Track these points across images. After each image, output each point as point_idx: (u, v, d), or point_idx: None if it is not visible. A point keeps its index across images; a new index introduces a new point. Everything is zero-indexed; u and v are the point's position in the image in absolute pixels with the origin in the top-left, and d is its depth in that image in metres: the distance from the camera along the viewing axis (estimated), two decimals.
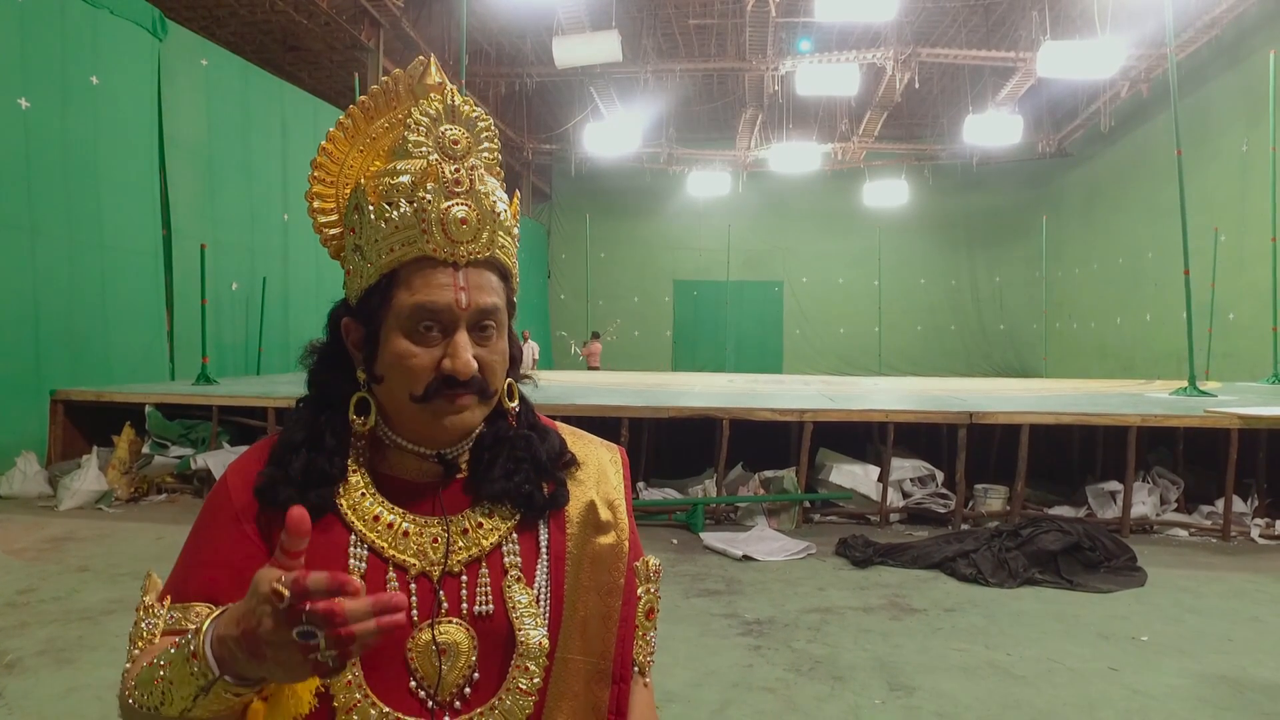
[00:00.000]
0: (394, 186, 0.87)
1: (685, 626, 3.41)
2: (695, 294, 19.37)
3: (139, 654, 0.84)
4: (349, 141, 0.96)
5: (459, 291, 0.86)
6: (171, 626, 0.86)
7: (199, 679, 0.69)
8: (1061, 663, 3.09)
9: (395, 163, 0.89)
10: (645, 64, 13.70)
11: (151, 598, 0.88)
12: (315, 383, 0.95)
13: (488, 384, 0.89)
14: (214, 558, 0.89)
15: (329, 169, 0.96)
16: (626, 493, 1.03)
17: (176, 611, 0.86)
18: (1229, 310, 10.43)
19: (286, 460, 0.89)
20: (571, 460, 1.00)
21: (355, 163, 0.96)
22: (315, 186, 0.97)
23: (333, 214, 0.97)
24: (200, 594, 0.87)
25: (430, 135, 0.89)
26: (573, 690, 0.93)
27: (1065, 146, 16.72)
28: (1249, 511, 5.33)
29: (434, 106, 0.90)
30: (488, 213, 0.89)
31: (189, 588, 0.88)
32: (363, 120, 0.95)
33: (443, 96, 0.91)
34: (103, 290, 7.15)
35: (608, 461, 1.04)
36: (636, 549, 1.04)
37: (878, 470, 5.58)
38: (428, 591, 0.89)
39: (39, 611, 3.49)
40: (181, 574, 0.90)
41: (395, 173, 0.88)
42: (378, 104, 0.95)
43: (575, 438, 1.05)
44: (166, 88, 7.94)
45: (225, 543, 0.89)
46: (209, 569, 0.88)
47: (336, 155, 0.96)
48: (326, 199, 0.97)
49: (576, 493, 0.99)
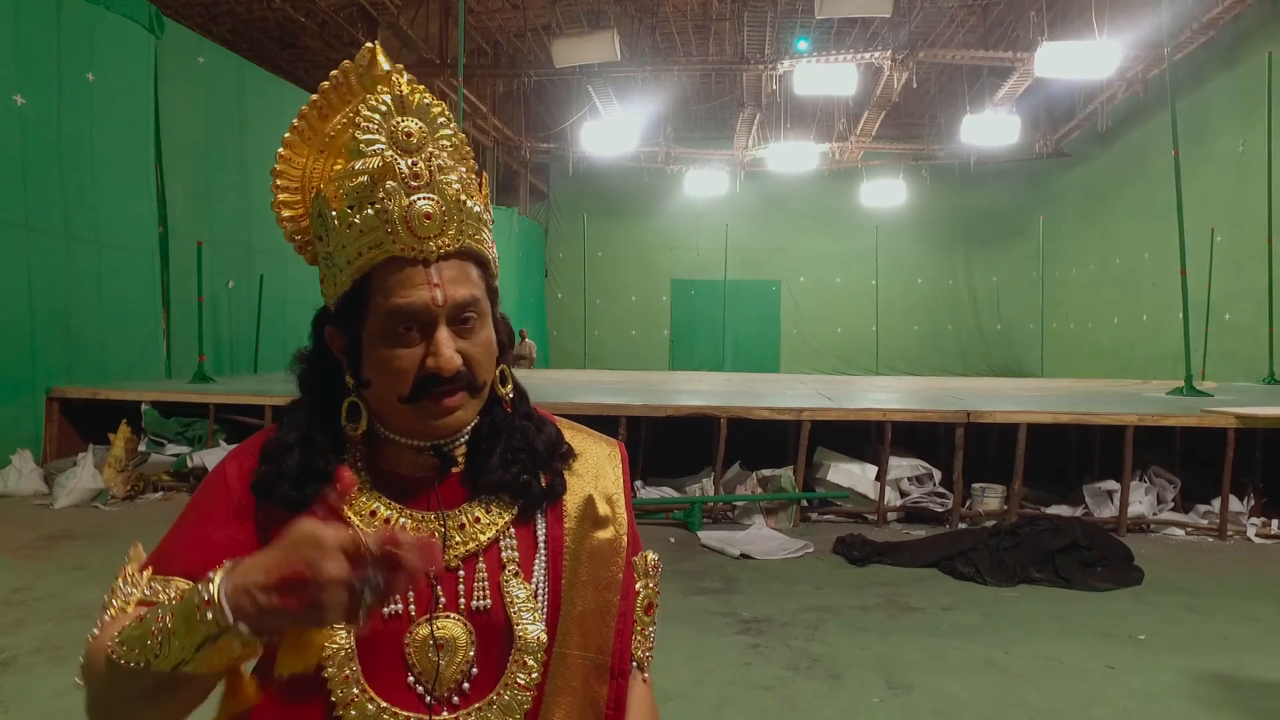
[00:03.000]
0: (353, 189, 0.85)
1: (683, 625, 3.41)
2: (693, 293, 19.34)
3: (110, 620, 0.82)
4: (306, 144, 0.94)
5: (433, 289, 0.84)
6: (148, 599, 0.84)
7: (209, 628, 0.67)
8: (1059, 661, 3.09)
9: (352, 163, 0.86)
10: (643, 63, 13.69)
11: (133, 567, 0.87)
12: (305, 389, 0.94)
13: (475, 377, 0.88)
14: (204, 542, 0.88)
15: (290, 175, 0.94)
16: (626, 488, 1.02)
17: (157, 584, 0.85)
18: (1225, 310, 10.44)
19: (280, 459, 0.89)
20: (569, 452, 0.99)
21: (317, 166, 0.94)
22: (280, 195, 0.94)
23: (303, 220, 0.95)
24: (182, 571, 0.85)
25: (382, 130, 0.86)
26: (571, 685, 0.93)
27: (1062, 147, 16.73)
28: (1245, 511, 5.34)
29: (382, 100, 0.86)
30: (452, 203, 0.86)
31: (173, 564, 0.86)
32: (318, 120, 0.93)
33: (390, 87, 0.88)
34: (99, 287, 7.13)
35: (605, 457, 1.03)
36: (636, 544, 1.03)
37: (875, 469, 5.58)
38: (425, 587, 0.89)
39: (34, 610, 3.48)
40: (168, 549, 0.89)
41: (353, 174, 0.85)
42: (330, 101, 0.92)
43: (573, 431, 1.04)
44: (163, 85, 7.91)
45: (219, 532, 0.88)
46: (196, 552, 0.86)
47: (296, 160, 0.94)
48: (294, 206, 0.95)
49: (574, 486, 0.98)
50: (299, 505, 0.87)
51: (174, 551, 0.88)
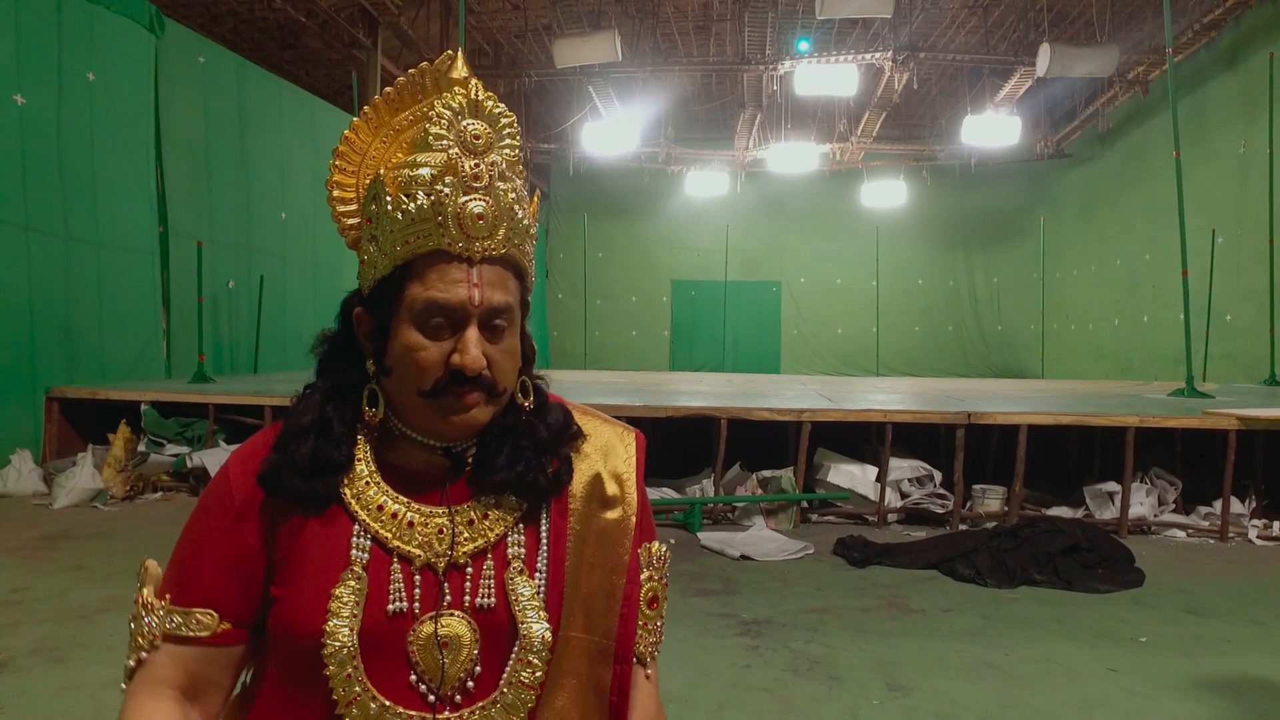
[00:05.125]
0: (413, 178, 0.86)
1: (683, 626, 3.40)
2: (693, 294, 19.33)
3: (141, 661, 0.86)
4: (372, 132, 0.96)
5: (472, 288, 0.85)
6: (173, 632, 0.87)
7: None
8: (1059, 663, 3.08)
9: (416, 155, 0.89)
10: (644, 63, 13.69)
11: (150, 590, 0.88)
12: (326, 370, 0.95)
13: (496, 382, 0.88)
14: (214, 561, 0.89)
15: (350, 158, 0.96)
16: (639, 471, 1.01)
17: (178, 616, 0.87)
18: (1226, 312, 10.43)
19: (293, 446, 0.88)
20: (577, 432, 0.98)
21: (377, 153, 0.96)
22: (335, 175, 0.96)
23: (352, 203, 0.96)
24: (202, 600, 0.88)
25: (452, 129, 0.88)
26: (575, 669, 0.92)
27: (1063, 148, 16.72)
28: (1247, 513, 5.33)
29: (457, 100, 0.89)
30: (505, 209, 0.88)
31: (190, 592, 0.88)
32: (386, 111, 0.95)
33: (467, 91, 0.90)
34: (99, 287, 7.12)
35: (616, 437, 1.02)
36: (649, 530, 1.01)
37: (876, 470, 5.57)
38: (431, 584, 0.88)
39: (32, 610, 3.47)
40: (182, 573, 0.90)
41: (415, 164, 0.87)
42: (402, 96, 0.95)
43: (587, 416, 1.03)
44: (163, 85, 7.91)
45: (226, 545, 0.89)
46: (210, 574, 0.88)
47: (359, 145, 0.96)
48: (346, 188, 0.97)
49: (581, 466, 0.97)
50: (308, 499, 0.88)
51: (188, 577, 0.89)
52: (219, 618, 0.88)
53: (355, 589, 0.85)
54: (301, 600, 0.86)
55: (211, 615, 0.87)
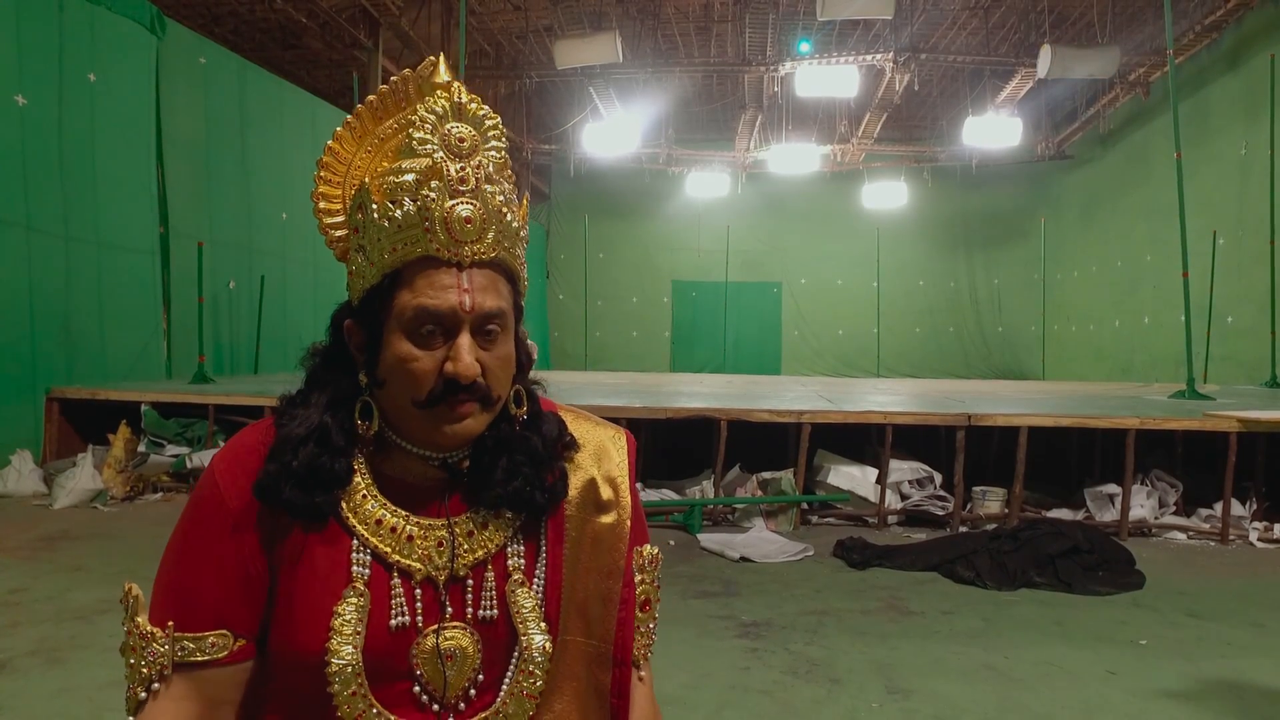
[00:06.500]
0: (398, 185, 0.85)
1: (682, 628, 3.39)
2: (694, 295, 19.33)
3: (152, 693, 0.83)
4: (356, 141, 0.94)
5: (462, 294, 0.83)
6: (185, 659, 0.83)
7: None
8: (1059, 666, 3.07)
9: (401, 161, 0.87)
10: (645, 65, 13.69)
11: (144, 619, 0.84)
12: (314, 383, 0.92)
13: (490, 389, 0.86)
14: (218, 577, 0.85)
15: (335, 169, 0.94)
16: (631, 473, 1.01)
17: (189, 643, 0.83)
18: (1227, 313, 10.43)
19: (290, 456, 0.86)
20: (571, 442, 0.97)
21: (362, 163, 0.94)
22: (321, 187, 0.95)
23: (339, 215, 0.95)
24: (213, 621, 0.84)
25: (436, 133, 0.86)
26: (575, 672, 0.92)
27: (1064, 149, 16.72)
28: (1247, 515, 5.32)
29: (440, 104, 0.87)
30: (493, 212, 0.86)
31: (197, 615, 0.85)
32: (370, 120, 0.94)
33: (450, 94, 0.89)
34: (99, 288, 7.13)
35: (609, 440, 1.01)
36: (642, 533, 1.01)
37: (876, 472, 5.56)
38: (432, 597, 0.88)
39: (31, 611, 3.46)
40: (183, 596, 0.86)
41: (400, 171, 0.86)
42: (386, 104, 0.93)
43: (577, 419, 1.02)
44: (164, 85, 7.91)
45: (227, 557, 0.86)
46: (215, 592, 0.85)
47: (343, 155, 0.94)
48: (333, 199, 0.95)
49: (575, 472, 0.96)
50: (307, 513, 0.86)
51: (191, 599, 0.85)
52: (233, 636, 0.85)
53: (358, 605, 0.84)
54: (302, 618, 0.84)
55: (225, 635, 0.85)
